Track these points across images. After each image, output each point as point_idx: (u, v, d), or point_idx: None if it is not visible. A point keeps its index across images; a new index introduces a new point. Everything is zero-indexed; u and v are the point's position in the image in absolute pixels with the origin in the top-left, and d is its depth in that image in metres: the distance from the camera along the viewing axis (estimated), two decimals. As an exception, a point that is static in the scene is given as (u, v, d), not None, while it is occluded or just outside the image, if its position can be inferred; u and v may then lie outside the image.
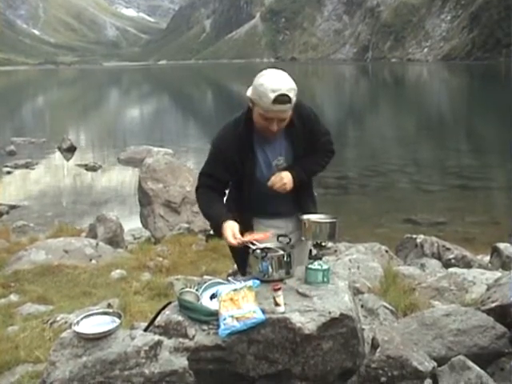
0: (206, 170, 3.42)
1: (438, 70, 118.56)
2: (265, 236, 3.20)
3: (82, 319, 2.92)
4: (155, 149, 20.27)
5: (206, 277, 6.54)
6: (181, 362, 2.80)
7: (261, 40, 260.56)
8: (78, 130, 34.29)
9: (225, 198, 3.55)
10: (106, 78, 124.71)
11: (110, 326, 2.87)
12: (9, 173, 19.40)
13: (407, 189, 15.89)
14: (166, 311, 3.06)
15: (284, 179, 3.33)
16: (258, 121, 3.20)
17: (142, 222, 11.22)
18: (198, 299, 3.05)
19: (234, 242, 3.15)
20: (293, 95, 3.08)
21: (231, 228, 3.18)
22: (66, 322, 4.80)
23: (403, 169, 18.36)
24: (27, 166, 20.54)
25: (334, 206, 12.88)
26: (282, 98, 3.03)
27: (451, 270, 6.24)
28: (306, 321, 2.86)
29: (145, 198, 11.08)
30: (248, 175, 3.34)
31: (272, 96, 3.02)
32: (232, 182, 3.47)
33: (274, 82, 3.07)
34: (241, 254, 3.43)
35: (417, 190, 15.63)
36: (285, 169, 3.38)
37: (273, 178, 3.34)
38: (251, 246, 3.24)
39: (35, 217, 13.45)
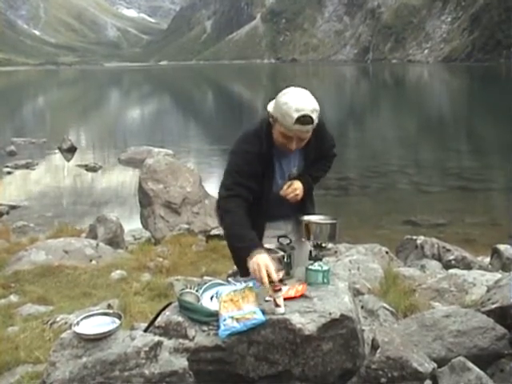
0: (232, 180, 3.22)
1: (438, 71, 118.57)
2: (296, 293, 3.05)
3: (82, 320, 2.92)
4: (156, 149, 20.27)
5: (206, 277, 6.55)
6: (181, 362, 2.80)
7: (261, 41, 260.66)
8: (78, 130, 34.30)
9: None
10: (107, 79, 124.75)
11: (110, 327, 2.87)
12: (9, 173, 19.41)
13: (407, 190, 15.89)
14: (166, 312, 3.06)
15: (297, 190, 3.35)
16: (277, 138, 3.19)
17: (142, 222, 11.22)
18: (198, 300, 3.05)
19: (266, 282, 2.89)
20: (315, 116, 3.07)
21: (265, 264, 2.91)
22: (66, 323, 4.80)
23: (403, 170, 18.36)
24: (27, 166, 20.54)
25: (334, 206, 12.87)
26: (305, 119, 3.02)
27: (451, 271, 6.25)
28: (306, 322, 2.86)
29: (145, 199, 11.08)
30: (266, 189, 3.31)
31: (295, 116, 3.00)
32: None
33: (299, 102, 3.04)
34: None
35: (417, 191, 15.63)
36: (294, 178, 3.40)
37: (285, 188, 3.35)
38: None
39: (35, 217, 13.45)
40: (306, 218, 3.29)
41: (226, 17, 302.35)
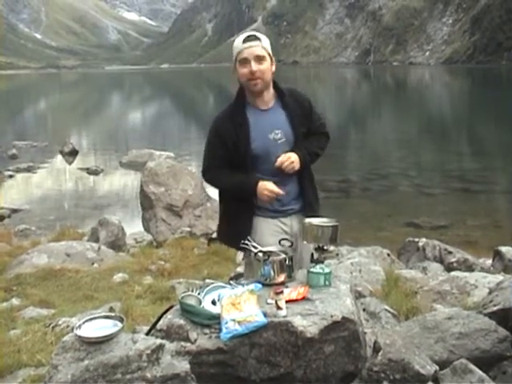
0: (208, 154, 3.58)
1: (439, 73, 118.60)
2: (298, 295, 3.09)
3: (83, 323, 2.92)
4: (157, 152, 20.23)
5: (207, 280, 6.54)
6: (183, 365, 2.80)
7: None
8: (79, 133, 34.32)
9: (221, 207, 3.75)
10: (108, 82, 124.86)
11: (111, 330, 2.87)
12: (11, 176, 19.40)
13: (409, 192, 15.87)
14: (168, 315, 3.06)
15: (291, 158, 3.43)
16: (240, 74, 3.41)
17: (143, 225, 11.22)
18: (200, 303, 3.05)
19: (280, 191, 3.38)
20: (263, 38, 3.44)
21: (269, 184, 3.40)
22: (67, 326, 4.79)
23: (405, 172, 18.34)
24: (29, 169, 20.54)
25: (335, 209, 12.85)
26: (250, 37, 3.39)
27: (453, 273, 6.24)
28: (307, 324, 2.86)
29: (146, 202, 11.08)
30: (244, 150, 3.43)
31: (241, 39, 3.40)
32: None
33: (245, 33, 3.47)
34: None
35: (419, 193, 15.61)
36: (289, 151, 3.48)
37: (280, 158, 3.43)
38: (253, 249, 3.27)
39: (37, 220, 13.45)
40: (308, 220, 3.29)
41: (226, 20, 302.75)
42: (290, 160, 3.41)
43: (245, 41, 3.38)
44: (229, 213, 3.63)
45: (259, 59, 3.37)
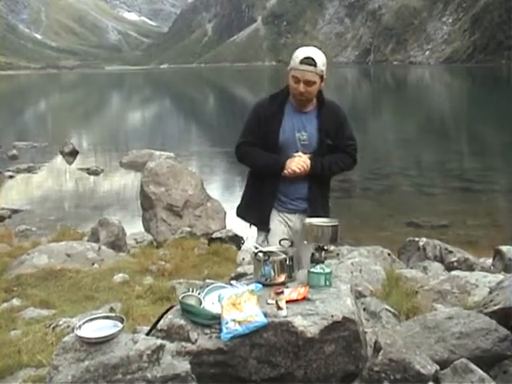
0: (245, 130, 3.85)
1: (439, 72, 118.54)
2: (298, 295, 3.12)
3: (84, 323, 2.92)
4: (157, 152, 20.20)
5: (208, 280, 6.53)
6: (183, 365, 2.80)
7: (262, 43, 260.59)
8: (80, 134, 34.30)
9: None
10: (108, 82, 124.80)
11: (112, 330, 2.87)
12: (11, 177, 19.39)
13: (409, 192, 15.86)
14: (169, 315, 3.06)
15: (302, 158, 3.65)
16: (290, 85, 3.67)
17: (144, 225, 11.22)
18: (201, 303, 3.05)
19: (306, 162, 3.61)
20: (319, 62, 3.61)
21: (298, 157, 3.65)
22: (68, 326, 4.79)
23: (405, 172, 18.34)
24: (29, 170, 20.53)
25: (336, 208, 12.74)
26: (308, 60, 3.57)
27: (454, 272, 6.24)
28: (308, 324, 2.87)
29: (147, 202, 11.09)
30: (272, 136, 3.69)
31: (301, 57, 3.58)
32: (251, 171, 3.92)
33: (306, 50, 3.67)
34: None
35: (419, 192, 15.60)
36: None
37: (295, 154, 3.66)
38: (253, 249, 3.28)
39: (37, 221, 13.45)
40: (308, 220, 3.30)
41: (226, 19, 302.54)
42: (301, 159, 3.64)
43: (302, 62, 3.58)
44: (254, 192, 3.88)
45: (309, 83, 3.60)
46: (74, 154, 23.72)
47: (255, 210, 3.82)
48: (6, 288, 6.92)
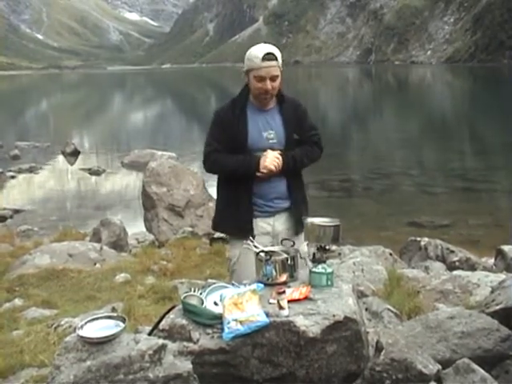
0: (210, 139, 3.73)
1: (441, 72, 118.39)
2: (300, 295, 3.11)
3: (86, 323, 2.92)
4: (159, 153, 20.24)
5: (210, 280, 6.54)
6: (185, 365, 2.80)
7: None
8: (81, 134, 34.33)
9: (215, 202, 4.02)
10: (110, 82, 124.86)
11: (114, 330, 2.87)
12: (13, 177, 19.42)
13: (411, 191, 15.85)
14: (171, 315, 3.06)
15: (275, 154, 3.57)
16: (254, 86, 3.59)
17: (145, 225, 11.23)
18: (202, 303, 3.05)
19: (279, 158, 3.53)
20: (278, 56, 3.55)
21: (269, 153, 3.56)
22: (70, 326, 4.80)
23: (407, 171, 18.33)
24: (31, 170, 20.56)
25: (337, 208, 12.86)
26: (269, 56, 3.50)
27: (455, 272, 6.25)
28: (310, 324, 2.86)
29: (148, 202, 11.09)
30: (240, 140, 3.61)
31: (261, 55, 3.49)
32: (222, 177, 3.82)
33: (260, 46, 3.58)
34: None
35: (421, 192, 15.59)
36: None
37: (265, 153, 3.57)
38: (255, 248, 3.27)
39: (39, 221, 13.47)
40: (310, 220, 3.29)
41: (228, 19, 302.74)
42: (274, 155, 3.56)
43: (264, 59, 3.50)
44: (228, 200, 3.81)
45: (274, 78, 3.56)
46: (75, 154, 23.75)
47: (233, 220, 3.69)
48: (8, 288, 6.93)
